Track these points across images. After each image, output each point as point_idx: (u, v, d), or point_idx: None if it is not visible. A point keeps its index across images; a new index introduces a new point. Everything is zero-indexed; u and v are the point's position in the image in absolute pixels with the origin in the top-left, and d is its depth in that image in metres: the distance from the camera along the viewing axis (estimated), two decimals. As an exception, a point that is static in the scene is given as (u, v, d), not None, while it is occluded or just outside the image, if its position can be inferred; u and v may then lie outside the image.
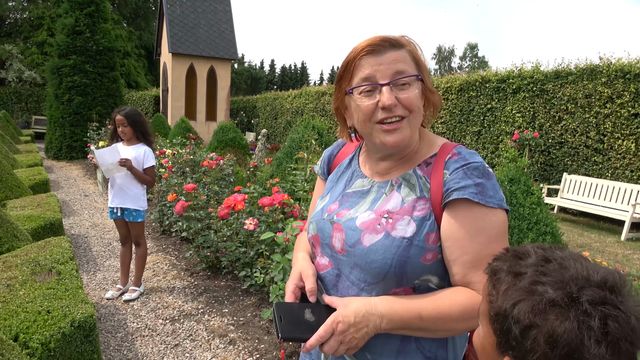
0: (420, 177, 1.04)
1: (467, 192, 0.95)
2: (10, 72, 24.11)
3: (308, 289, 1.05)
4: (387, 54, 1.00)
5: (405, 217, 0.99)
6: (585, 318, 0.57)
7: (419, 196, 1.02)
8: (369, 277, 1.00)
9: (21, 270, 2.98)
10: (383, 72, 0.99)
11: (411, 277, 0.98)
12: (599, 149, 8.56)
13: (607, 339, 0.56)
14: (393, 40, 1.01)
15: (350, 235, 1.03)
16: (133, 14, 33.35)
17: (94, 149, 3.67)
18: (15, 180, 5.84)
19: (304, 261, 1.14)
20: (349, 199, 1.11)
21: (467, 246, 0.95)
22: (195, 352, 3.11)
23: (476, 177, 0.97)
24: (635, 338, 0.57)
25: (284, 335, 0.94)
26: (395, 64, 1.00)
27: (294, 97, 19.19)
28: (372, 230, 1.00)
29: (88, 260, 4.88)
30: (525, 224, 3.22)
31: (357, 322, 0.94)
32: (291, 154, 5.86)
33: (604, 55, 8.67)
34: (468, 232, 0.95)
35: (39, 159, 10.12)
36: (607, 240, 7.20)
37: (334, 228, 1.07)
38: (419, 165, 1.06)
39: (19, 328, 2.20)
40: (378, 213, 1.03)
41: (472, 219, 0.96)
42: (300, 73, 65.49)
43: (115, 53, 14.19)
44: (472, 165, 0.98)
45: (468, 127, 11.09)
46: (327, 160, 1.28)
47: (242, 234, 4.20)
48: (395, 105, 0.99)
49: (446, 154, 1.03)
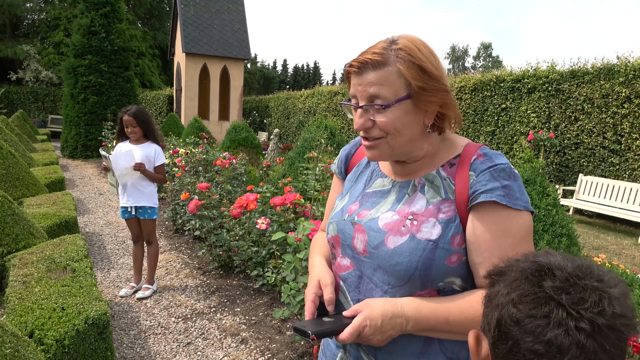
0: (444, 179, 1.03)
1: (495, 194, 0.94)
2: (28, 72, 24.48)
3: (327, 298, 1.04)
4: (366, 75, 0.97)
5: (431, 219, 0.98)
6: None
7: (444, 198, 1.01)
8: (392, 280, 0.99)
9: (37, 267, 3.02)
10: (361, 93, 0.99)
11: (436, 279, 0.97)
12: (616, 149, 8.42)
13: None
14: (375, 61, 0.96)
15: (373, 236, 1.02)
16: (147, 14, 33.67)
17: (105, 154, 3.69)
18: (32, 178, 5.93)
19: (321, 267, 1.13)
20: (370, 198, 1.10)
21: (494, 249, 0.94)
22: (208, 350, 3.12)
23: (503, 179, 0.96)
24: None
25: (315, 330, 0.93)
26: (370, 86, 0.96)
27: (306, 97, 19.20)
28: (397, 232, 0.99)
29: (102, 258, 4.93)
30: (540, 225, 3.17)
31: (384, 324, 0.93)
32: (303, 154, 5.85)
33: (622, 54, 8.52)
34: (495, 235, 0.94)
35: (54, 158, 10.27)
36: (624, 242, 7.07)
37: (356, 229, 1.06)
38: (442, 166, 1.04)
39: (34, 325, 2.22)
40: (402, 214, 1.01)
41: (499, 222, 0.95)
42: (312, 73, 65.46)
43: (130, 53, 14.35)
44: (499, 167, 0.97)
45: (482, 127, 10.98)
46: (345, 159, 1.26)
47: (254, 233, 4.21)
48: (371, 127, 0.99)
49: (471, 154, 1.01)
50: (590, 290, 0.54)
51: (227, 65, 20.15)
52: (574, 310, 0.53)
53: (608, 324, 0.52)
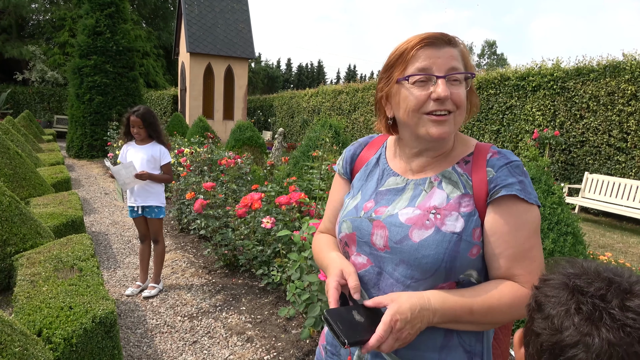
0: (461, 175, 1.06)
1: (514, 188, 1.00)
2: (34, 72, 24.61)
3: (352, 285, 1.03)
4: (445, 49, 1.03)
5: (453, 212, 1.01)
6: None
7: (464, 193, 1.04)
8: (417, 273, 1.00)
9: (44, 266, 3.04)
10: (440, 65, 1.02)
11: (458, 271, 1.00)
12: (621, 147, 8.37)
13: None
14: (450, 38, 1.05)
15: (395, 231, 1.03)
16: (152, 14, 33.74)
17: (110, 166, 3.71)
18: (38, 178, 5.97)
19: (341, 259, 1.13)
20: (384, 196, 1.12)
21: (511, 240, 0.99)
22: (213, 349, 3.13)
23: (519, 175, 1.02)
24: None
25: (350, 340, 0.91)
26: (451, 59, 1.02)
27: (310, 96, 19.20)
28: (422, 226, 1.01)
29: (108, 258, 4.96)
30: (546, 224, 3.17)
31: (413, 318, 0.93)
32: (308, 153, 5.86)
33: (628, 51, 8.47)
34: (512, 227, 0.99)
35: (60, 158, 10.33)
36: (630, 240, 7.03)
37: (374, 225, 1.07)
38: (457, 163, 1.09)
39: (42, 323, 2.24)
40: (424, 209, 1.04)
41: (516, 215, 1.00)
42: (317, 72, 65.46)
43: (135, 53, 14.38)
44: (514, 164, 1.03)
45: (487, 126, 10.95)
46: (350, 160, 1.27)
47: (259, 232, 4.22)
48: (447, 99, 1.01)
49: (484, 152, 1.07)
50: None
51: (231, 64, 20.19)
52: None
53: None
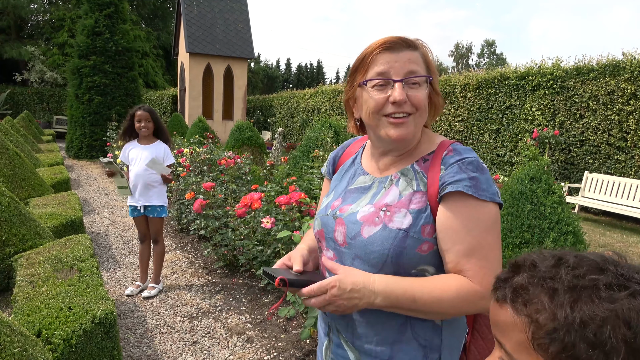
0: (417, 172, 1.09)
1: (462, 185, 1.00)
2: (33, 73, 24.61)
3: (295, 270, 1.12)
4: (403, 53, 1.06)
5: (402, 209, 1.05)
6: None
7: (416, 190, 1.07)
8: (367, 267, 1.05)
9: (44, 267, 3.04)
10: (397, 69, 1.05)
11: (408, 266, 1.03)
12: (621, 147, 8.37)
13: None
14: (409, 41, 1.07)
15: (351, 228, 1.09)
16: (151, 14, 33.74)
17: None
18: (38, 179, 5.96)
19: (297, 249, 1.23)
20: (352, 194, 1.17)
21: (460, 236, 1.00)
22: (213, 349, 3.13)
23: (470, 172, 1.02)
24: None
25: (277, 275, 1.01)
26: (409, 63, 1.05)
27: (310, 96, 19.19)
28: (371, 223, 1.06)
29: (108, 258, 4.95)
30: (546, 223, 3.16)
31: (352, 291, 0.99)
32: (307, 153, 5.86)
33: (627, 51, 8.47)
34: (461, 223, 1.00)
35: (60, 158, 10.32)
36: (630, 240, 7.03)
37: (337, 222, 1.13)
38: (416, 161, 1.11)
39: (41, 324, 2.24)
40: (377, 206, 1.08)
41: (465, 211, 1.01)
42: (316, 72, 65.44)
43: (134, 53, 14.37)
44: (466, 160, 1.04)
45: (486, 125, 10.94)
46: (332, 161, 1.35)
47: (259, 232, 4.22)
48: (405, 102, 1.04)
49: (443, 150, 1.09)
50: None
51: (230, 64, 20.17)
52: None
53: None
